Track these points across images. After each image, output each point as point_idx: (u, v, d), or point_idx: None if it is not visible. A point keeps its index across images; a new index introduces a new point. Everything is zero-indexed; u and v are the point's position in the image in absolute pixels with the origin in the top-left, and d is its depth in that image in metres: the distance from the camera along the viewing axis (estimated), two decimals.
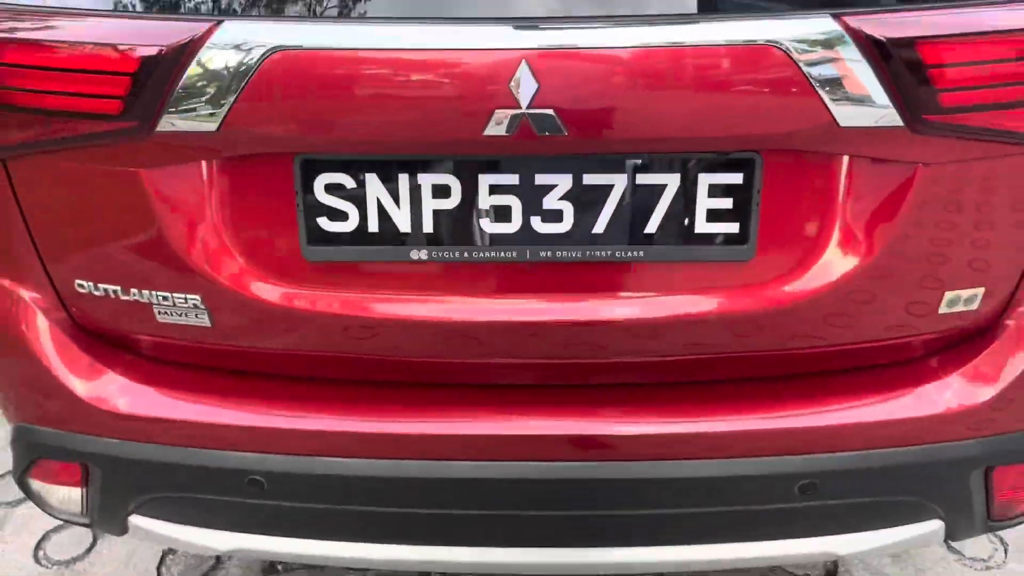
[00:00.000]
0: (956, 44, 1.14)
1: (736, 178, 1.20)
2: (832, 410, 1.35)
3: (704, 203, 1.22)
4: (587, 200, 1.23)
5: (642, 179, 1.21)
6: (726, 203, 1.22)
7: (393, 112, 1.14)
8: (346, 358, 1.36)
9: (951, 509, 1.42)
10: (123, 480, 1.43)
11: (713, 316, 1.26)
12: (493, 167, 1.21)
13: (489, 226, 1.24)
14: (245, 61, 1.12)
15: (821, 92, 1.11)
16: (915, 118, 1.14)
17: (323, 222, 1.25)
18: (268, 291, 1.28)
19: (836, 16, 1.11)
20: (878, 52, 1.11)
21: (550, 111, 1.11)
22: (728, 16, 1.12)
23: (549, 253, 1.25)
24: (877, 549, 1.46)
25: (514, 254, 1.25)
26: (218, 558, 2.06)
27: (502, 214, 1.23)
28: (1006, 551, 2.13)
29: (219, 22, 1.12)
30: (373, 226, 1.24)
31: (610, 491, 1.36)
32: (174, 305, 1.31)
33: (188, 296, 1.30)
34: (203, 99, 1.14)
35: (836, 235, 1.25)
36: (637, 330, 1.28)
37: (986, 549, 2.15)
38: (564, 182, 1.21)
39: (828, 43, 1.11)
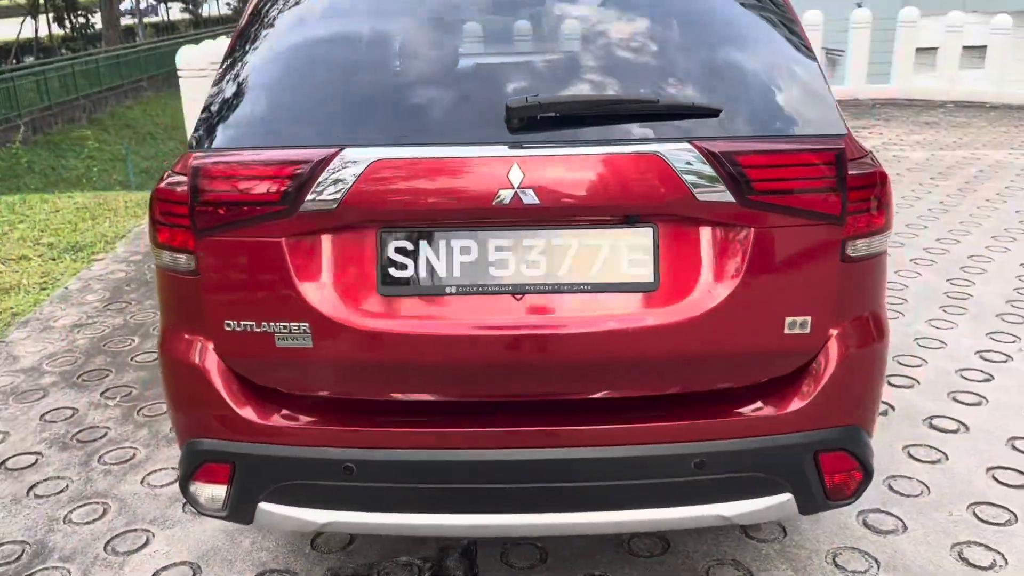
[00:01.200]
0: (758, 157, 1.89)
1: (645, 235, 1.92)
2: (714, 413, 2.04)
3: (626, 254, 1.91)
4: (555, 253, 1.91)
5: (587, 239, 1.91)
6: (641, 253, 1.91)
7: (440, 195, 1.86)
8: (405, 364, 1.94)
9: (797, 485, 1.99)
10: (256, 474, 2.09)
11: (635, 321, 1.90)
12: (497, 234, 1.91)
13: (494, 271, 1.90)
14: (356, 168, 1.86)
15: (685, 180, 1.86)
16: (739, 197, 1.87)
17: (392, 270, 1.92)
18: (354, 318, 1.92)
19: (690, 141, 1.87)
20: (715, 160, 1.86)
21: (530, 190, 1.84)
22: (632, 141, 1.89)
23: (532, 287, 1.91)
24: (750, 514, 2.00)
25: (511, 288, 1.91)
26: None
27: (502, 264, 1.91)
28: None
29: (342, 147, 1.88)
30: (423, 273, 1.92)
31: (569, 469, 1.94)
32: (290, 332, 1.91)
33: (301, 324, 1.90)
34: (330, 189, 1.87)
35: (706, 273, 1.91)
36: (589, 333, 1.89)
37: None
38: (540, 243, 1.90)
39: (687, 155, 1.86)
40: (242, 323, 1.96)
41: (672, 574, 2.55)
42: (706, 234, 1.93)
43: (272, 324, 1.95)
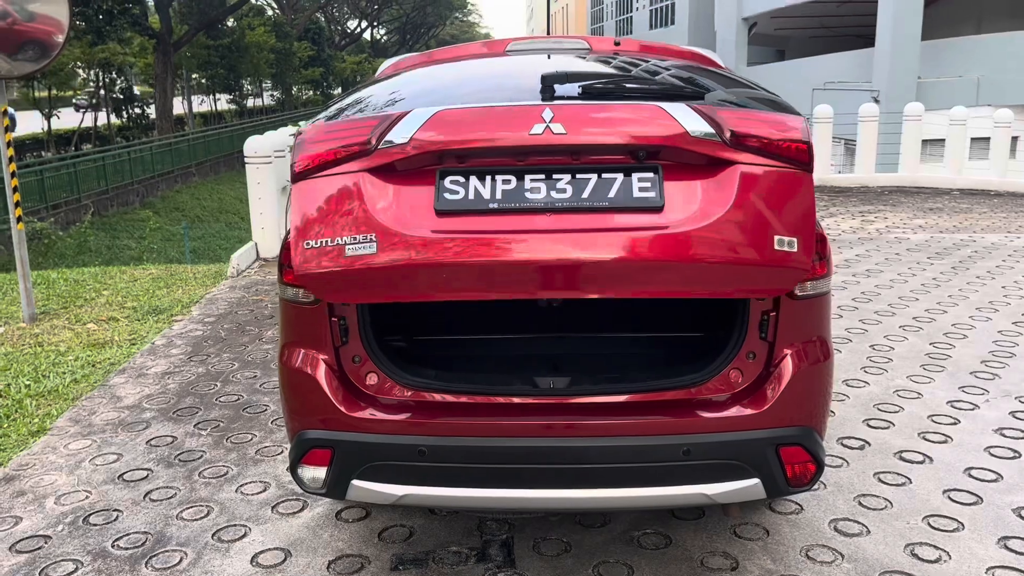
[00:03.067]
0: (735, 113, 2.51)
1: (652, 170, 2.47)
2: (699, 413, 2.67)
3: (637, 183, 2.45)
4: (579, 184, 2.43)
5: (605, 174, 2.45)
6: (648, 183, 2.45)
7: (488, 131, 2.45)
8: (451, 265, 2.39)
9: (764, 473, 2.58)
10: (351, 457, 2.74)
11: (647, 225, 2.38)
12: (532, 171, 2.46)
13: (529, 195, 2.43)
14: (424, 116, 2.47)
15: (679, 121, 2.43)
16: (721, 136, 2.44)
17: (446, 195, 2.45)
18: (418, 228, 2.44)
19: (687, 102, 2.51)
20: (703, 113, 2.45)
21: (559, 123, 2.41)
22: (639, 99, 2.61)
23: (560, 205, 2.41)
24: (726, 494, 2.57)
25: (542, 205, 2.42)
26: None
27: (536, 191, 2.43)
28: None
29: (413, 108, 2.54)
30: (471, 196, 2.44)
31: (589, 454, 2.54)
32: (359, 243, 2.43)
33: (369, 235, 2.44)
34: (402, 131, 2.48)
35: (703, 198, 2.42)
36: (608, 233, 2.37)
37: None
38: (567, 176, 2.44)
39: (682, 108, 2.46)
40: (319, 240, 2.51)
41: (674, 562, 3.13)
42: (701, 170, 2.49)
43: (343, 237, 2.48)
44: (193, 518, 3.54)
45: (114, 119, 35.99)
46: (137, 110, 35.76)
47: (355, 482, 2.70)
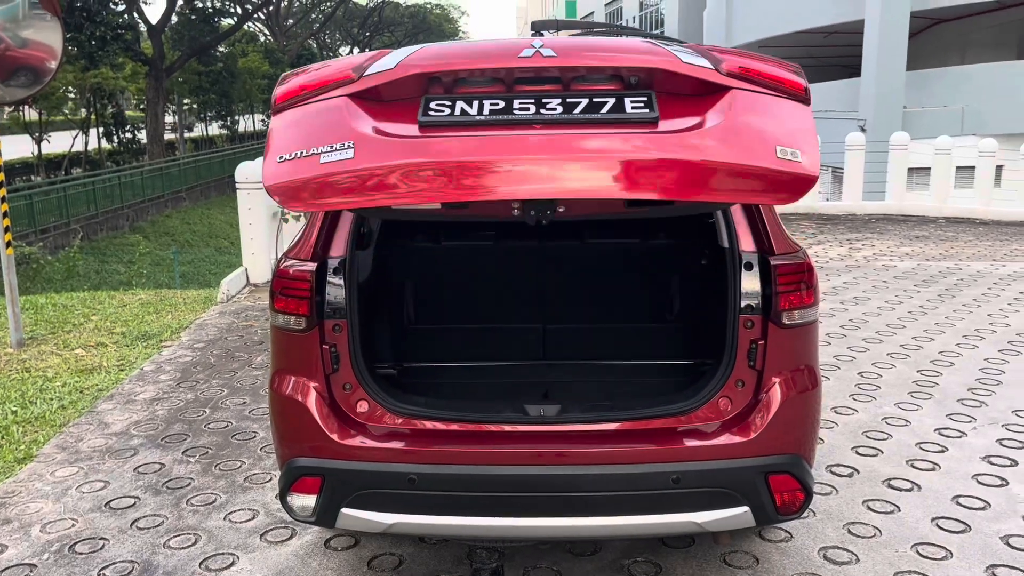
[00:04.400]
0: (725, 52, 2.50)
1: (645, 95, 2.36)
2: (689, 441, 2.69)
3: (630, 102, 2.33)
4: (570, 105, 2.32)
5: (596, 97, 2.33)
6: (641, 102, 2.34)
7: (476, 60, 2.42)
8: (431, 165, 2.21)
9: (753, 500, 2.61)
10: (340, 485, 2.75)
11: (642, 133, 2.26)
12: (521, 93, 2.37)
13: (518, 113, 2.30)
14: (411, 49, 2.47)
15: (671, 50, 2.46)
16: (716, 67, 2.39)
17: (431, 113, 2.31)
18: (403, 130, 2.30)
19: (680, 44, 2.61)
20: (696, 49, 2.50)
21: (548, 48, 2.38)
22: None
23: (550, 119, 2.29)
24: (716, 522, 2.60)
25: (530, 118, 2.29)
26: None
27: (525, 109, 2.31)
28: None
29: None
30: (457, 112, 2.32)
31: (578, 482, 2.56)
32: (336, 150, 2.22)
33: (346, 142, 2.24)
34: (390, 59, 2.44)
35: (699, 112, 2.32)
36: (600, 137, 2.26)
37: None
38: (558, 99, 2.33)
39: (676, 47, 2.55)
40: (293, 152, 2.31)
41: None
42: (695, 98, 2.42)
43: (319, 147, 2.29)
44: (180, 546, 3.51)
45: (105, 143, 36.02)
46: (128, 134, 35.77)
47: (345, 510, 2.70)
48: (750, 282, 2.73)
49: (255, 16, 37.49)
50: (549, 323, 3.45)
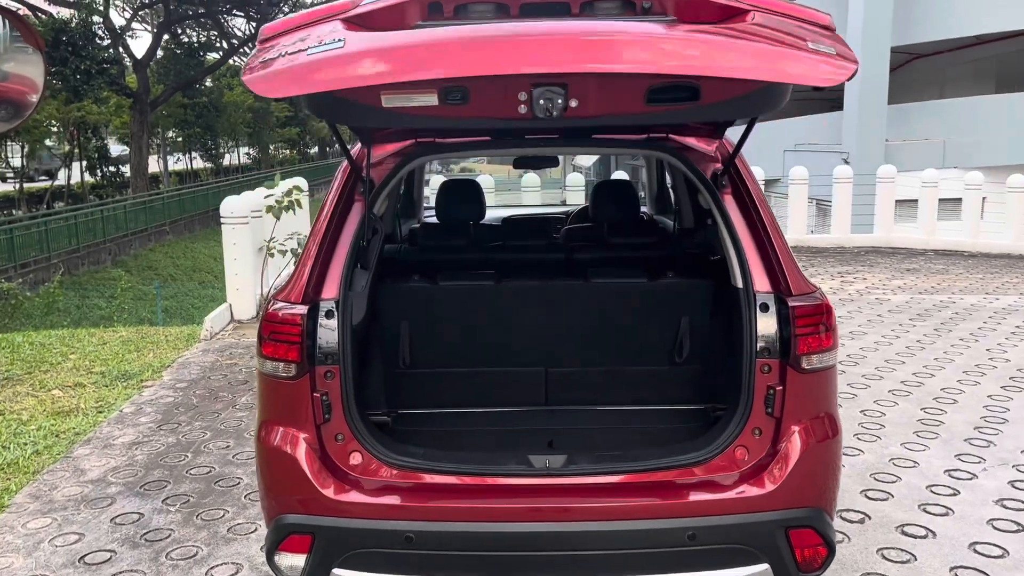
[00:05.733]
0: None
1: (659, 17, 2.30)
2: (704, 494, 2.53)
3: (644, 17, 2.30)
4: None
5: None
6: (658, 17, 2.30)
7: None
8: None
9: (773, 557, 2.45)
10: (332, 544, 2.56)
11: (660, 25, 2.21)
12: (529, 9, 2.29)
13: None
14: None
15: None
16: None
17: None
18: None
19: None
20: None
21: None
22: None
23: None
24: None
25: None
26: None
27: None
28: None
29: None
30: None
31: (584, 540, 2.42)
32: (326, 45, 2.08)
33: (337, 39, 2.11)
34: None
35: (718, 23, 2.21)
36: (616, 34, 2.13)
37: None
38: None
39: None
40: (277, 53, 2.19)
41: None
42: (716, 19, 2.30)
43: (306, 47, 2.15)
44: None
45: (88, 177, 35.77)
46: (112, 168, 35.54)
47: (337, 571, 2.53)
48: (766, 324, 2.60)
49: (241, 50, 37.50)
50: (552, 366, 3.29)
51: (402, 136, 2.97)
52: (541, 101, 2.27)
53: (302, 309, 2.58)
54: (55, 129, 34.03)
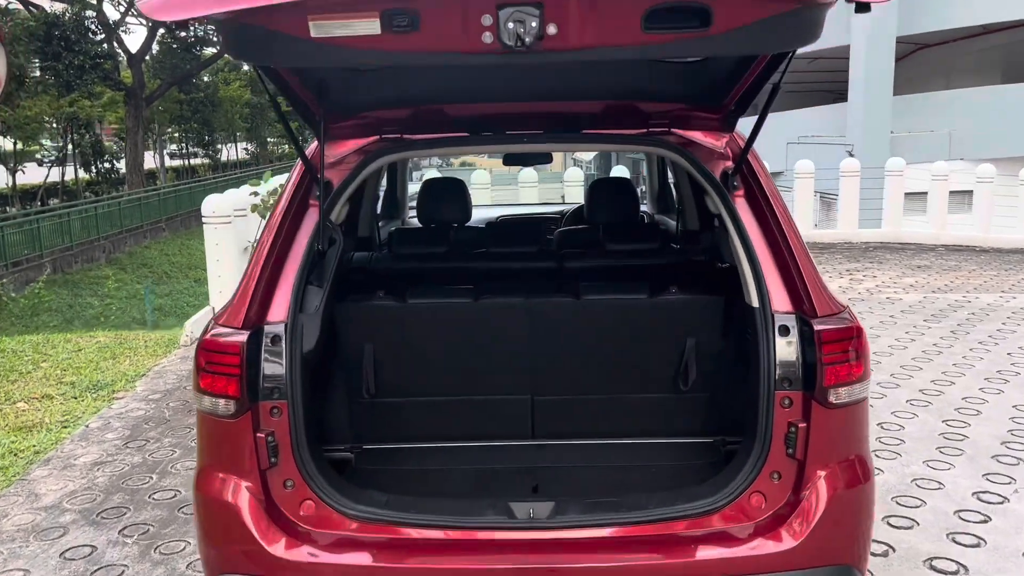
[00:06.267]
0: None
1: None
2: (714, 549, 2.17)
3: None
4: None
5: None
6: None
7: None
8: None
9: None
10: None
11: None
12: None
13: None
14: None
15: None
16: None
17: None
18: None
19: None
20: None
21: None
22: None
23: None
24: None
25: None
26: None
27: None
28: None
29: None
30: None
31: None
32: None
33: None
34: None
35: None
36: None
37: None
38: None
39: None
40: None
41: None
42: None
43: None
44: None
45: (83, 174, 35.38)
46: (107, 164, 35.14)
47: None
48: (786, 351, 2.22)
49: None
50: (539, 394, 2.91)
51: (364, 131, 2.59)
52: (510, 25, 1.83)
53: (242, 336, 2.21)
54: (49, 123, 33.64)
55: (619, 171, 12.89)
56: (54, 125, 33.24)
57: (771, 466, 2.22)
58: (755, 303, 2.31)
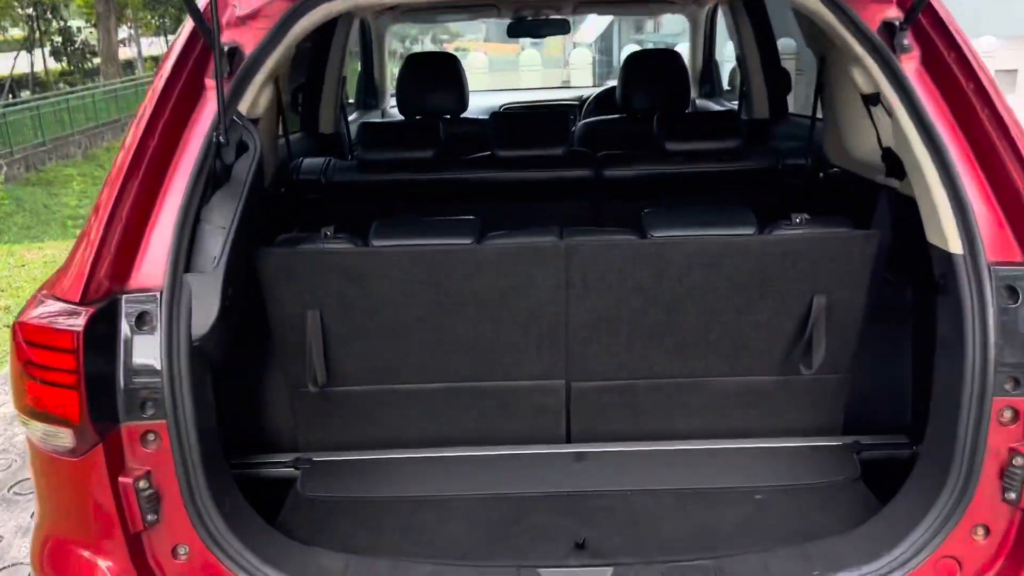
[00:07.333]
0: None
1: None
2: None
3: None
4: None
5: None
6: None
7: None
8: None
9: None
10: None
11: None
12: None
13: None
14: None
15: None
16: None
17: None
18: None
19: None
20: None
21: None
22: None
23: None
24: None
25: None
26: None
27: None
28: None
29: None
30: None
31: None
32: None
33: None
34: None
35: None
36: None
37: None
38: None
39: None
40: None
41: None
42: None
43: None
44: None
45: (53, 63, 33.67)
46: (78, 50, 33.43)
47: None
48: (1012, 329, 1.31)
49: None
50: (577, 378, 1.91)
51: None
52: None
53: (80, 317, 1.29)
54: (17, 10, 31.80)
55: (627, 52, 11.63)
56: (19, 10, 31.45)
57: (975, 516, 1.34)
58: (954, 246, 1.37)
